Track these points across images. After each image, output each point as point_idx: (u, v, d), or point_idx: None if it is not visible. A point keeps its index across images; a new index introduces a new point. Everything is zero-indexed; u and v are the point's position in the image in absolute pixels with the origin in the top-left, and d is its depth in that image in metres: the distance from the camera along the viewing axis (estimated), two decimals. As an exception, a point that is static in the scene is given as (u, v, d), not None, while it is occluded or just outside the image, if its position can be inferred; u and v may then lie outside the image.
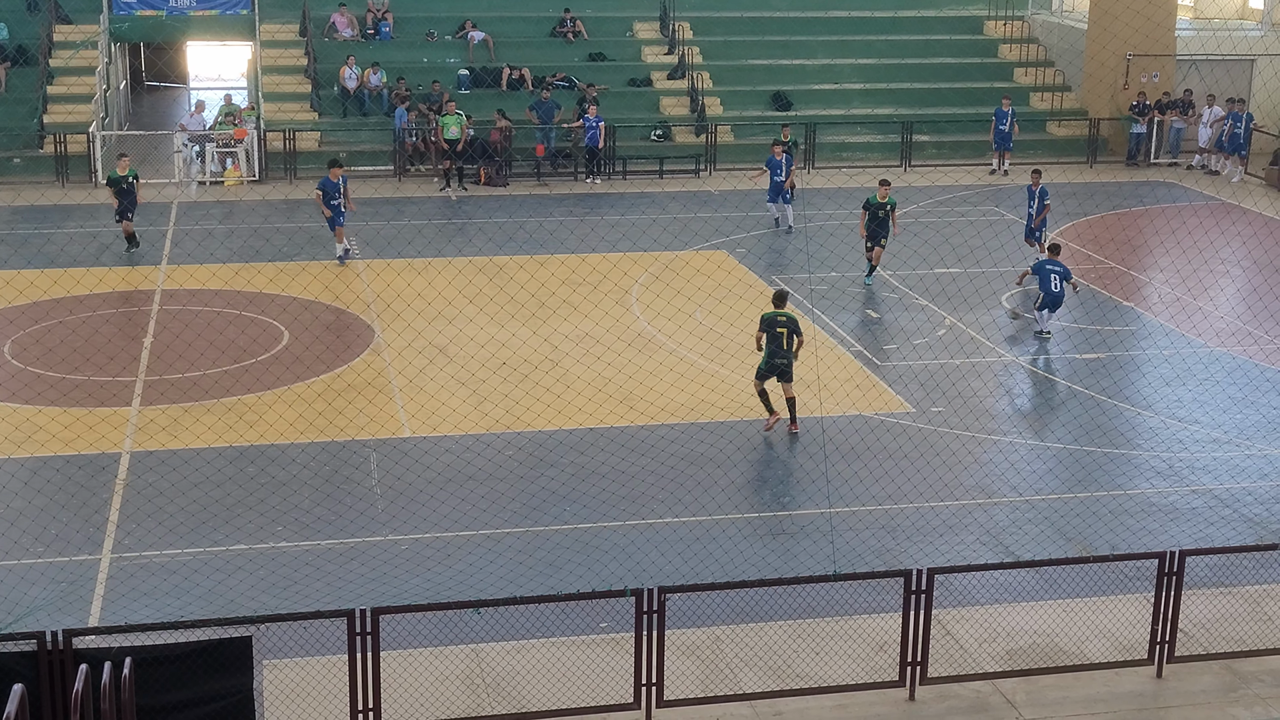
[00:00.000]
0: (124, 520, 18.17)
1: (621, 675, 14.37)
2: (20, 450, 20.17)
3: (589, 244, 31.44)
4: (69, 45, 41.18)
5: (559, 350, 24.63)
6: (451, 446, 20.43)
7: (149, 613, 15.56)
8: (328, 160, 32.08)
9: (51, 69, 40.55)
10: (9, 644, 12.91)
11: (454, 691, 14.47)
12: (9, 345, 24.43)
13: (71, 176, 37.16)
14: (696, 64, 43.66)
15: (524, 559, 17.24)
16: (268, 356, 24.15)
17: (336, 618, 13.62)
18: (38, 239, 31.91)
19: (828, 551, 17.17)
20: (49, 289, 26.73)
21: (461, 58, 42.94)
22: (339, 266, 29.60)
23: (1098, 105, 43.47)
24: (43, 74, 40.05)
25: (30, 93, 39.50)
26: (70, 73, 40.46)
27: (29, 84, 39.75)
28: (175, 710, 13.21)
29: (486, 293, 27.11)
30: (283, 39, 43.01)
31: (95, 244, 30.93)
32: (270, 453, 20.22)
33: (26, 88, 39.66)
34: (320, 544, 17.61)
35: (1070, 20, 46.61)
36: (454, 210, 35.57)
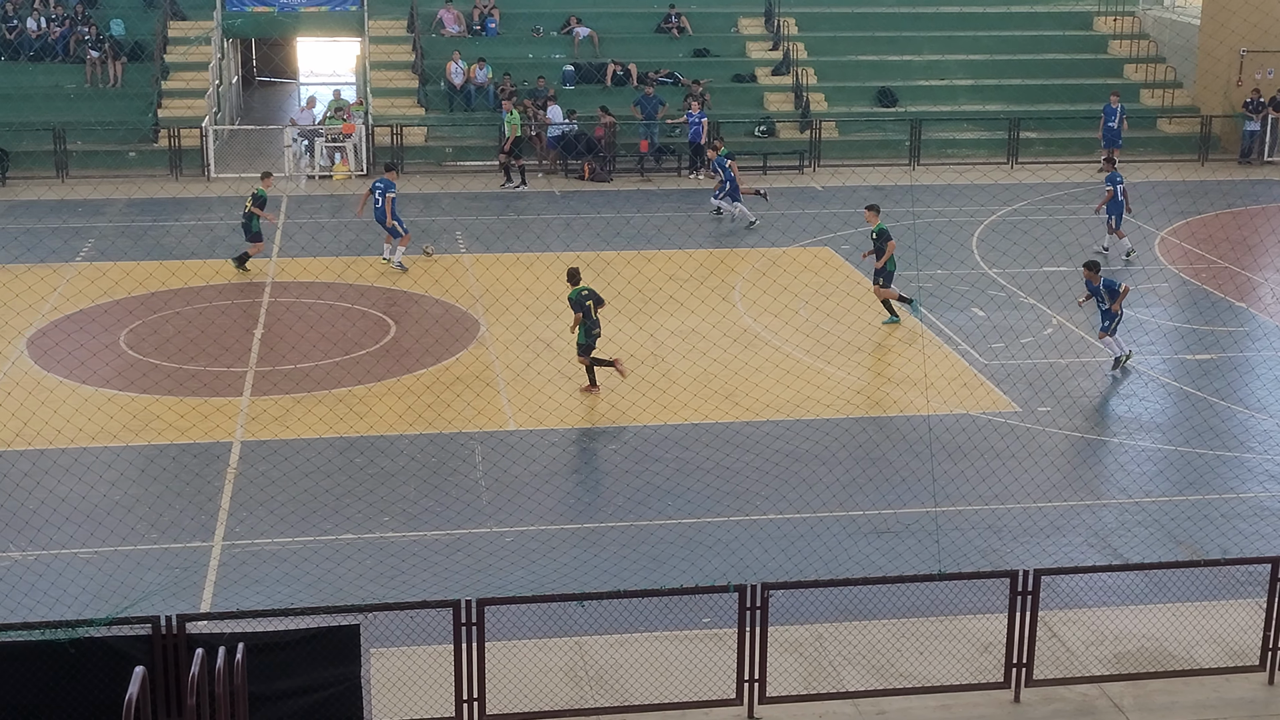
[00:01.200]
0: (235, 508, 18.49)
1: (723, 671, 14.38)
2: (136, 438, 20.60)
3: (693, 239, 31.46)
4: (183, 41, 41.93)
5: (663, 345, 24.68)
6: (556, 440, 20.56)
7: (259, 600, 15.82)
8: (385, 164, 32.27)
9: (166, 64, 41.32)
10: (124, 628, 13.19)
11: (556, 683, 14.57)
12: (125, 335, 24.92)
13: (185, 170, 37.85)
14: (801, 60, 43.51)
15: (627, 553, 17.30)
16: (376, 349, 24.45)
17: (442, 608, 13.75)
18: (154, 231, 32.52)
19: (932, 551, 17.07)
20: (165, 280, 27.29)
21: (566, 53, 43.15)
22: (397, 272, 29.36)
23: (1210, 102, 42.74)
24: (158, 69, 40.82)
25: (145, 87, 40.26)
26: (184, 68, 41.23)
27: (144, 79, 40.51)
28: (285, 698, 13.42)
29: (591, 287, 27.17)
30: (391, 35, 43.50)
31: (210, 236, 31.46)
32: (378, 444, 20.47)
33: (142, 82, 40.43)
34: (426, 535, 17.79)
35: (1183, 15, 45.86)
36: (560, 205, 35.75)
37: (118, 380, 22.75)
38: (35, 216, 33.62)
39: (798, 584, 14.85)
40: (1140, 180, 36.74)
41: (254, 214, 29.02)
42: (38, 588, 15.91)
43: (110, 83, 40.28)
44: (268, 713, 13.26)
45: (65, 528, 17.46)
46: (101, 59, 40.24)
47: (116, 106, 39.55)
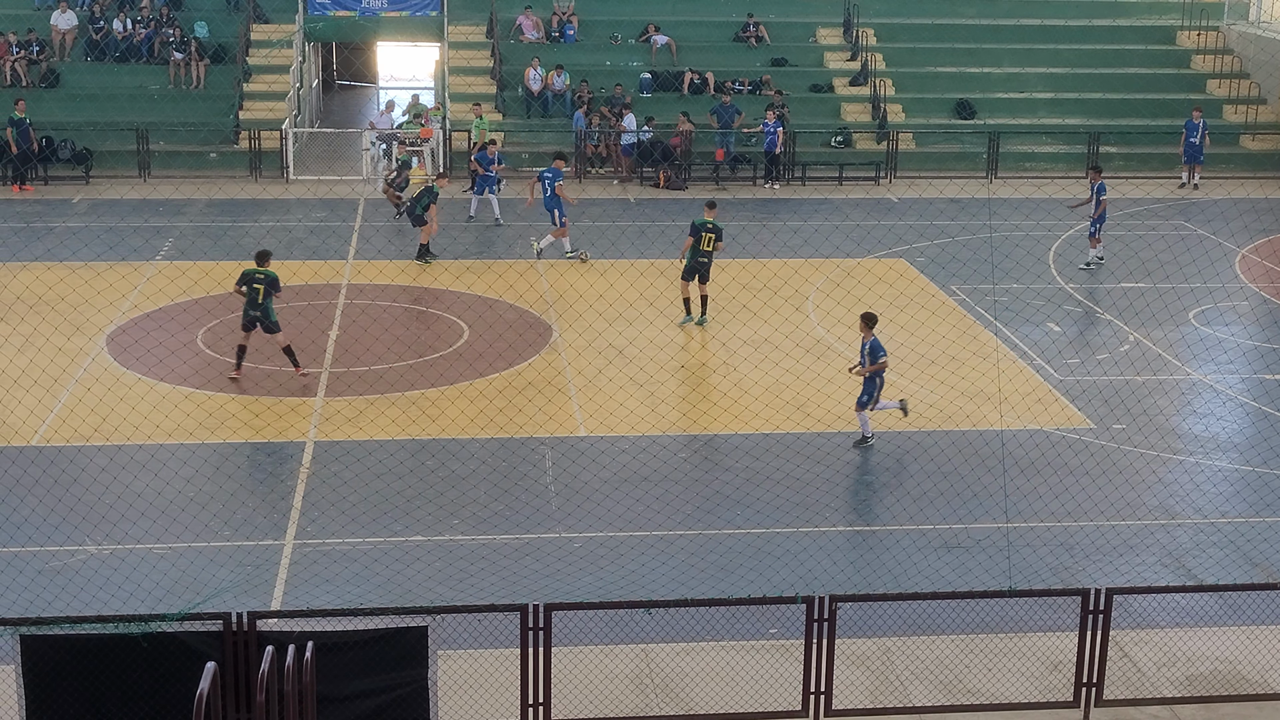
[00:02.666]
0: (307, 507, 18.65)
1: (790, 682, 14.33)
2: (212, 436, 20.84)
3: (768, 249, 31.41)
4: (265, 44, 42.37)
5: (735, 355, 24.65)
6: (627, 447, 20.57)
7: (329, 599, 15.94)
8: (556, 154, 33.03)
9: (248, 66, 41.77)
10: (196, 624, 13.32)
11: (622, 690, 14.57)
12: (203, 334, 25.21)
13: (265, 172, 38.25)
14: (879, 70, 43.34)
15: (695, 561, 17.29)
16: (449, 352, 24.58)
17: (510, 612, 13.78)
18: (234, 231, 32.87)
19: (1003, 567, 16.92)
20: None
21: (644, 61, 43.22)
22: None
23: (1296, 118, 42.17)
24: (240, 72, 41.28)
25: (228, 89, 40.74)
26: (266, 71, 41.65)
27: (227, 81, 40.99)
28: (352, 698, 13.49)
29: (665, 296, 27.23)
30: (470, 40, 43.74)
31: (287, 237, 31.76)
32: (449, 447, 20.56)
33: (224, 84, 40.91)
34: (495, 538, 17.86)
35: (1269, 31, 45.26)
36: (635, 212, 35.80)
37: (194, 378, 23.01)
38: (118, 215, 34.10)
39: (866, 597, 14.80)
40: (1222, 197, 36.32)
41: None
42: (112, 581, 16.12)
43: (193, 84, 40.79)
44: (335, 713, 13.35)
45: (140, 523, 17.68)
46: (185, 61, 40.76)
47: (199, 108, 40.03)
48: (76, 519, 17.68)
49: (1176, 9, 47.07)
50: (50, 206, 34.92)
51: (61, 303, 25.12)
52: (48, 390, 21.83)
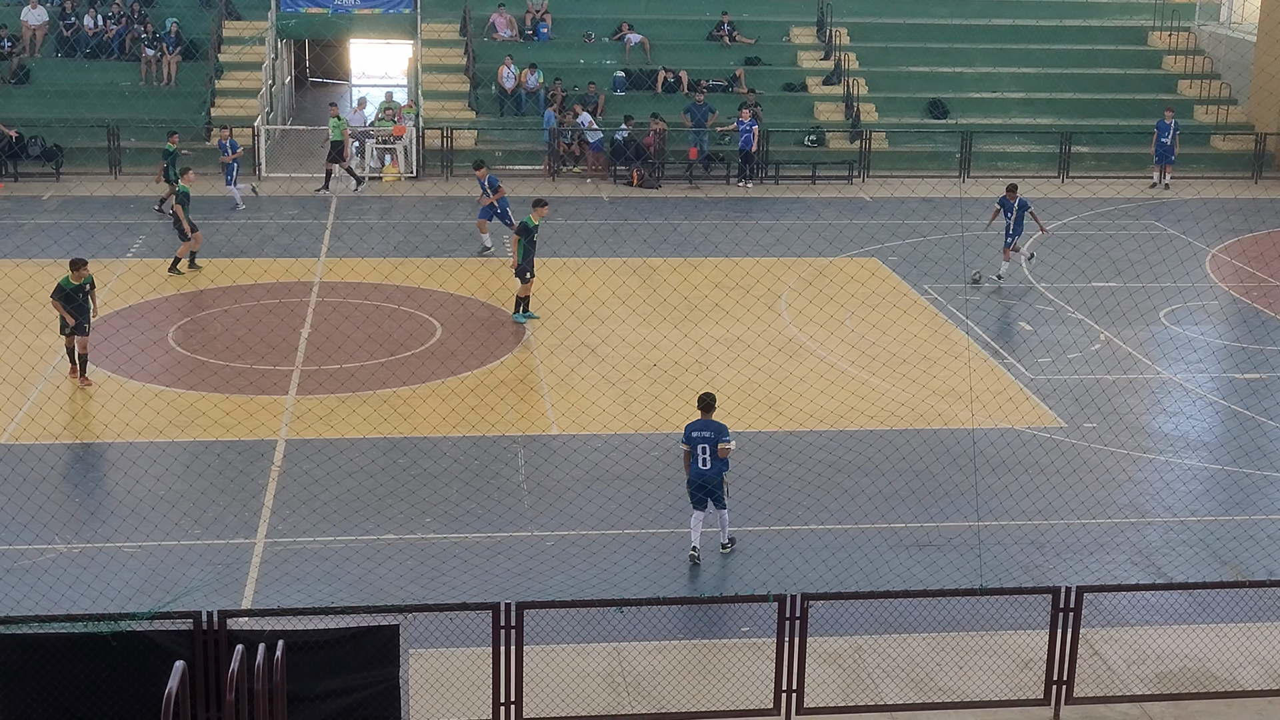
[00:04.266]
0: (278, 506, 18.59)
1: (761, 680, 14.35)
2: (182, 434, 20.75)
3: (740, 248, 31.38)
4: (238, 41, 42.23)
5: (708, 353, 24.66)
6: (599, 445, 20.56)
7: (300, 598, 15.91)
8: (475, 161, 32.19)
9: (220, 63, 41.60)
10: (166, 623, 13.27)
11: (594, 688, 14.56)
12: (173, 332, 25.10)
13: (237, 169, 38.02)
14: (853, 70, 43.42)
15: (667, 560, 17.30)
16: (421, 350, 24.53)
17: (482, 610, 13.76)
18: (204, 229, 32.60)
19: (974, 565, 16.98)
20: (214, 278, 27.47)
21: (618, 60, 43.21)
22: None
23: (1266, 119, 42.34)
24: (212, 68, 41.10)
25: (199, 86, 40.57)
26: (238, 67, 41.51)
27: (198, 77, 40.82)
28: (323, 697, 13.45)
29: (638, 294, 27.24)
30: (443, 38, 43.66)
31: (259, 235, 31.64)
32: (421, 445, 20.52)
33: (196, 81, 40.74)
34: (467, 537, 17.83)
35: (1239, 32, 45.49)
36: (608, 211, 35.79)
37: (165, 376, 22.91)
38: (88, 212, 33.91)
39: (838, 595, 14.85)
40: (1192, 197, 36.51)
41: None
42: (81, 580, 16.03)
43: (164, 81, 40.60)
44: (306, 712, 13.31)
45: (110, 521, 17.62)
46: (157, 57, 40.57)
47: (170, 104, 39.84)
48: (45, 517, 17.58)
49: (1148, 10, 47.27)
50: (20, 204, 34.70)
51: (31, 300, 24.93)
52: (16, 388, 21.69)
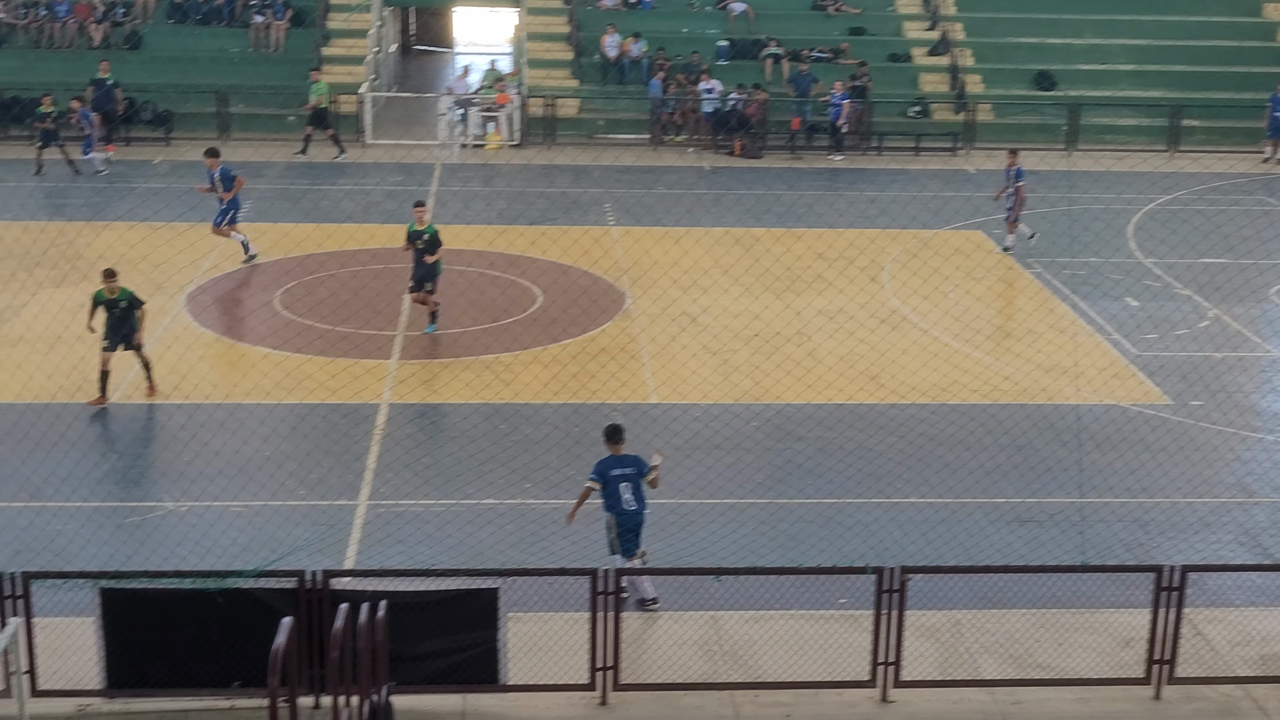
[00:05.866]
0: (381, 468, 18.81)
1: (858, 652, 14.31)
2: (289, 396, 21.05)
3: (843, 219, 31.25)
4: (344, 9, 42.58)
5: (809, 324, 24.58)
6: (698, 415, 20.58)
7: (401, 559, 16.08)
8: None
9: (327, 30, 41.97)
10: (272, 580, 13.51)
11: (691, 656, 14.61)
12: (280, 295, 25.44)
13: (343, 135, 38.42)
14: (958, 40, 42.94)
15: (765, 530, 17.29)
16: (523, 317, 24.67)
17: (580, 576, 13.86)
18: (311, 195, 33.14)
19: (1076, 542, 16.81)
20: (321, 243, 27.76)
21: (721, 29, 43.04)
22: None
23: (1385, 93, 41.29)
24: (319, 35, 41.48)
25: (306, 53, 40.97)
26: (345, 34, 41.87)
27: (306, 44, 41.23)
28: (423, 658, 13.65)
29: (739, 264, 27.19)
30: (548, 6, 43.73)
31: (364, 201, 31.94)
32: (522, 411, 20.67)
33: (303, 48, 41.15)
34: (567, 503, 17.85)
35: (1359, 3, 44.38)
36: (709, 180, 35.73)
37: (271, 339, 23.23)
38: (197, 177, 34.33)
39: (937, 569, 14.75)
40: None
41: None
42: (190, 537, 16.38)
43: (273, 47, 41.04)
44: (406, 671, 13.50)
45: (218, 480, 17.94)
46: (265, 24, 41.01)
47: (278, 71, 40.29)
48: (156, 475, 17.94)
49: (1264, -20, 46.27)
50: (131, 167, 35.32)
51: (143, 262, 25.39)
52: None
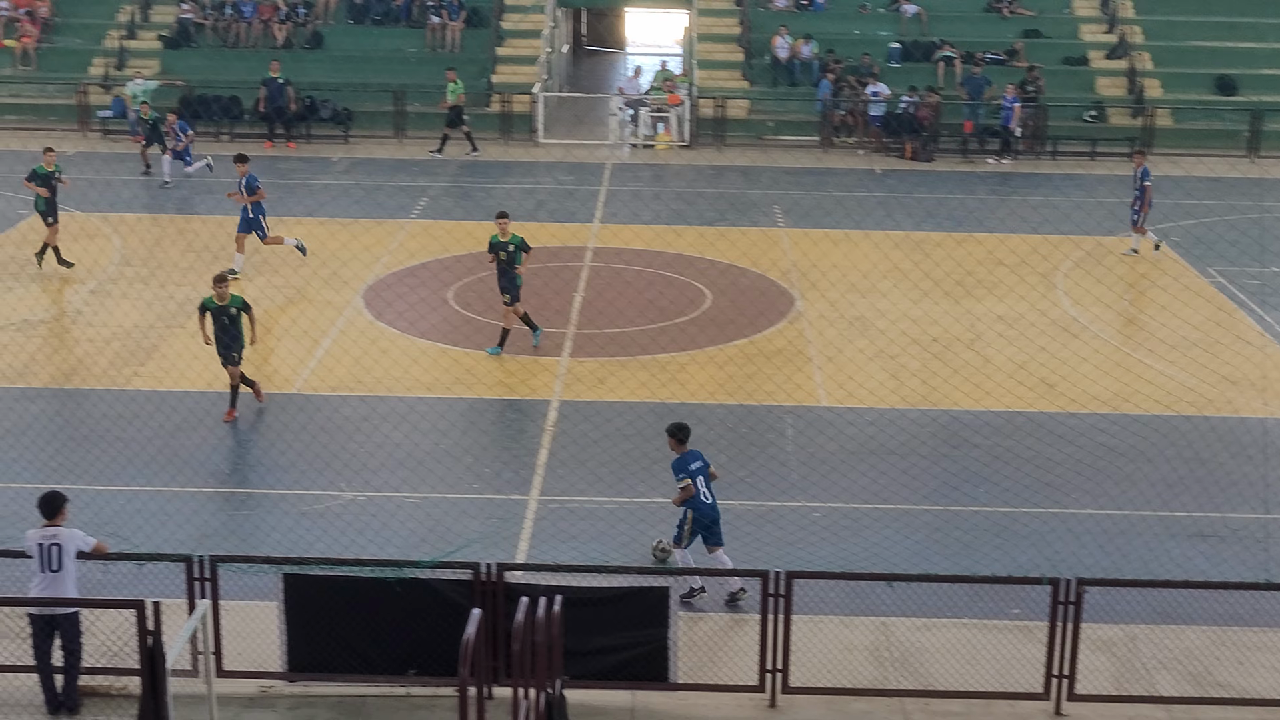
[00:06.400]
0: (553, 464, 19.02)
1: (1031, 664, 14.13)
2: (466, 391, 21.40)
3: (1011, 224, 30.82)
4: (519, 9, 43.09)
5: (981, 329, 24.30)
6: (873, 419, 20.46)
7: (571, 555, 16.23)
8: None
9: (502, 31, 42.52)
10: (447, 571, 13.75)
11: (860, 661, 14.55)
12: (453, 292, 25.83)
13: (514, 134, 38.97)
14: (1137, 44, 42.07)
15: (937, 537, 17.14)
16: (691, 318, 24.75)
17: (751, 578, 13.88)
18: (480, 192, 33.59)
19: (1260, 559, 16.39)
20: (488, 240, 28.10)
21: (893, 30, 42.70)
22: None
23: None
24: (493, 35, 42.04)
25: (481, 53, 41.56)
26: (518, 35, 42.38)
27: (481, 44, 41.80)
28: (596, 653, 13.78)
29: (910, 268, 26.95)
30: (719, 8, 43.79)
31: (533, 200, 32.30)
32: (693, 411, 20.66)
33: (478, 48, 41.74)
34: (735, 504, 17.92)
35: None
36: (879, 183, 35.49)
37: (447, 335, 23.61)
38: (374, 174, 35.16)
39: (1114, 582, 14.47)
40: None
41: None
42: (370, 527, 16.76)
43: (448, 47, 41.68)
44: (579, 665, 13.65)
45: (396, 472, 18.31)
46: (442, 24, 41.68)
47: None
48: (339, 465, 18.35)
49: None
50: (310, 164, 36.16)
51: (322, 256, 26.04)
52: (311, 340, 22.69)
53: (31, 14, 41.86)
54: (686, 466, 15.67)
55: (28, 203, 30.83)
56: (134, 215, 30.19)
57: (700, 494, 15.57)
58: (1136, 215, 28.79)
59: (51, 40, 41.97)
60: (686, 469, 15.65)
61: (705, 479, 15.72)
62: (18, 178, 31.59)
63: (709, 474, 15.82)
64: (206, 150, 36.01)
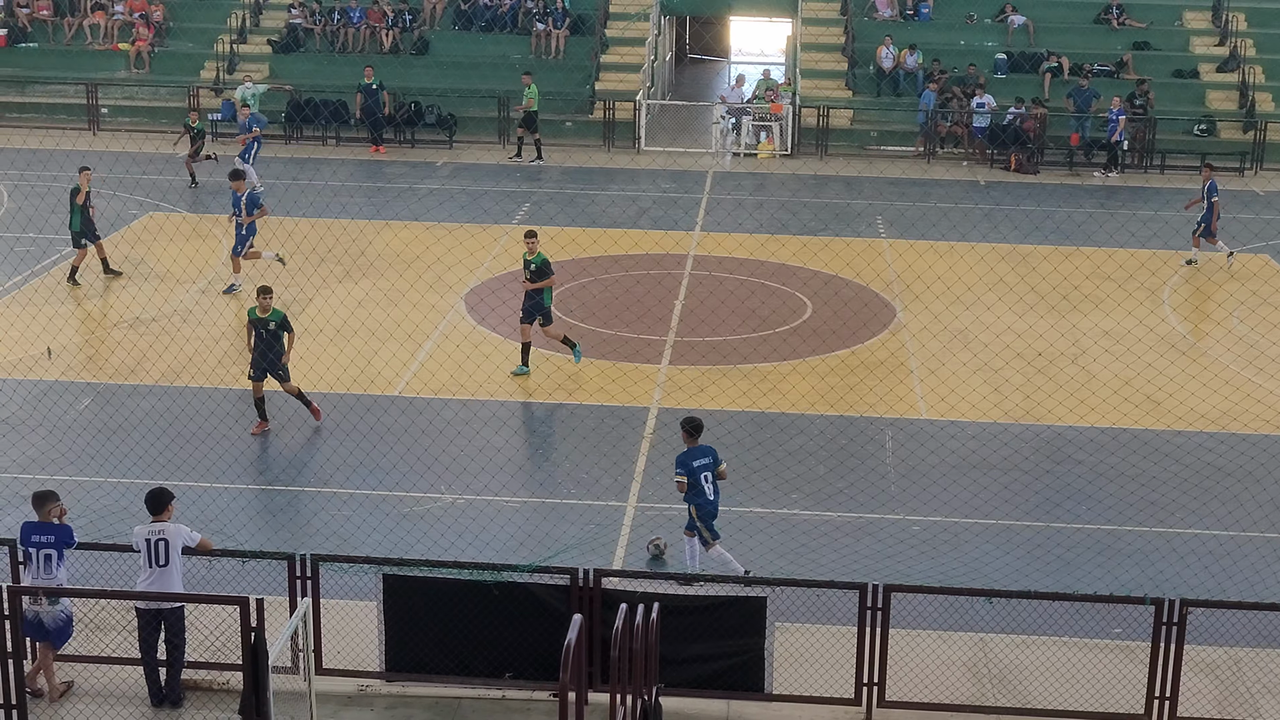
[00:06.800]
0: (650, 471, 19.06)
1: (1132, 684, 13.94)
2: (568, 397, 21.55)
3: (1119, 238, 30.39)
4: (623, 17, 43.25)
5: (1085, 344, 24.01)
6: (974, 433, 20.30)
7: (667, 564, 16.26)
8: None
9: (606, 38, 42.69)
10: (544, 576, 13.82)
11: (957, 677, 14.44)
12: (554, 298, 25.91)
13: (617, 142, 39.09)
14: (1249, 57, 41.38)
15: (1037, 554, 16.96)
16: (790, 327, 24.70)
17: (849, 590, 13.82)
18: (582, 199, 33.77)
19: (1372, 584, 16.06)
20: (588, 246, 28.26)
21: (1000, 41, 42.35)
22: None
23: None
24: (598, 43, 42.23)
25: (585, 60, 41.75)
26: (622, 42, 42.55)
27: (584, 51, 42.01)
28: (692, 661, 13.79)
29: (1012, 281, 26.70)
30: (824, 17, 43.68)
31: (634, 207, 32.39)
32: (792, 422, 20.69)
33: (582, 55, 41.94)
34: (832, 515, 17.91)
35: None
36: (982, 195, 35.20)
37: (546, 341, 23.68)
38: (478, 179, 35.44)
39: (1220, 604, 14.22)
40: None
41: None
42: (469, 530, 16.90)
43: (553, 54, 41.92)
44: (674, 674, 13.67)
45: (496, 475, 18.43)
46: (546, 31, 41.93)
47: (557, 77, 41.09)
48: (439, 468, 18.51)
49: None
50: (415, 169, 36.53)
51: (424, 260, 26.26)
52: (414, 343, 22.94)
53: (146, 18, 42.72)
54: (688, 463, 15.98)
55: (141, 203, 31.51)
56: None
57: (704, 489, 15.90)
58: (1201, 225, 28.59)
59: (165, 44, 42.79)
60: (687, 465, 15.97)
61: (712, 475, 15.99)
62: (131, 179, 32.32)
63: (717, 471, 16.06)
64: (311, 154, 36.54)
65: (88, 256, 26.12)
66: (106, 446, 19.09)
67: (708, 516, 16.04)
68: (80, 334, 23.70)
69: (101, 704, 13.49)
